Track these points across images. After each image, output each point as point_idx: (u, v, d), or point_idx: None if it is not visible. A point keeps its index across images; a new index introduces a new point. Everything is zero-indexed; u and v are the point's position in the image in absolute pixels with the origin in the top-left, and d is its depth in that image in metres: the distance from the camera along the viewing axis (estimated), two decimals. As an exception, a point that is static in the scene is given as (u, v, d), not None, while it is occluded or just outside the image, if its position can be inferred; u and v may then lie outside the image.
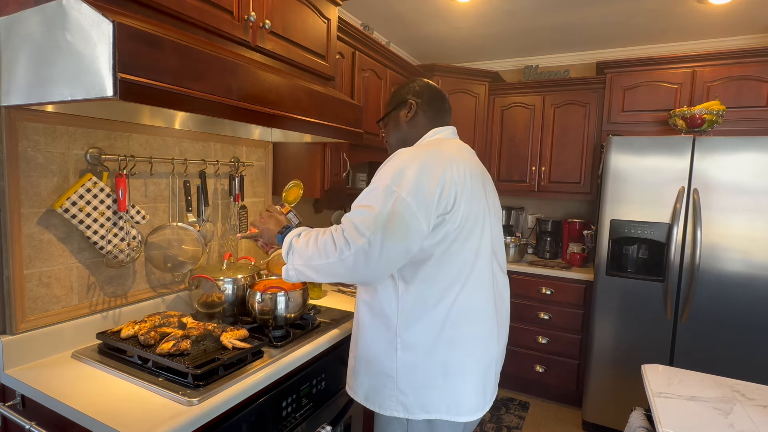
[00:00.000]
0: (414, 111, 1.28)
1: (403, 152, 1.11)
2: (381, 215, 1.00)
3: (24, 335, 1.18)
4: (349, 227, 1.02)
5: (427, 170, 1.06)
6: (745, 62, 2.51)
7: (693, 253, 2.29)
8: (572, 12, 2.51)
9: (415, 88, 1.30)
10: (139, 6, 1.07)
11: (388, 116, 1.34)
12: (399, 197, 1.01)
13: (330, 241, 1.03)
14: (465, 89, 3.17)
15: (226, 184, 1.82)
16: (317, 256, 1.05)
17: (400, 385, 1.12)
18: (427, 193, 1.04)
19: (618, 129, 2.82)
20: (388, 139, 1.36)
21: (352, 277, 1.04)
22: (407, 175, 1.04)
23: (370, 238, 0.99)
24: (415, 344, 1.11)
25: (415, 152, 1.11)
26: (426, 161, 1.08)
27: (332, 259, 1.02)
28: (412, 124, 1.29)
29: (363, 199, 1.06)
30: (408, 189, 1.02)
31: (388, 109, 1.35)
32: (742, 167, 2.20)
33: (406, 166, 1.05)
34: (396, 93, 1.34)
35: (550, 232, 3.22)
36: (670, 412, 1.17)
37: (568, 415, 2.81)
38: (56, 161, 1.24)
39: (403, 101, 1.30)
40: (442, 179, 1.06)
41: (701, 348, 2.32)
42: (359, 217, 1.02)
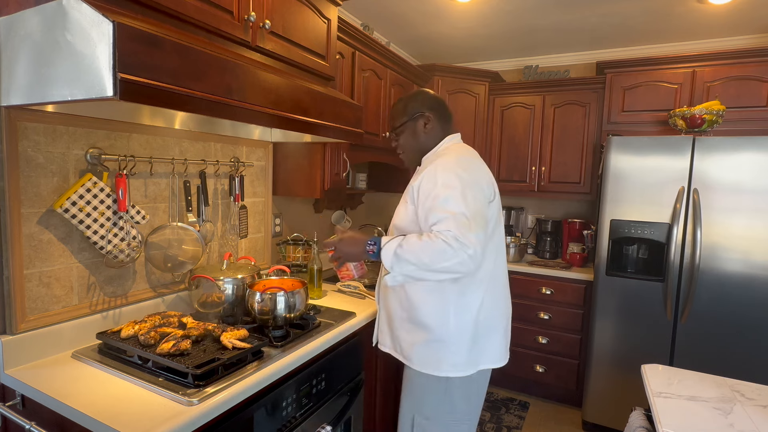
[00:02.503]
0: (431, 122, 1.47)
1: (449, 160, 1.34)
2: (469, 215, 1.24)
3: (24, 335, 1.18)
4: (457, 230, 1.21)
5: (476, 169, 1.36)
6: (745, 62, 2.51)
7: (693, 253, 2.29)
8: (572, 12, 2.51)
9: (427, 101, 1.48)
10: (139, 6, 1.07)
11: (404, 126, 1.49)
12: (474, 197, 1.28)
13: (444, 245, 1.20)
14: (465, 89, 3.17)
15: (226, 184, 1.82)
16: (436, 260, 1.21)
17: (451, 348, 1.36)
18: (485, 188, 1.36)
19: (618, 129, 2.82)
20: (404, 148, 1.51)
21: (465, 271, 1.23)
22: (466, 178, 1.29)
23: (475, 237, 1.22)
24: (466, 309, 1.36)
25: (458, 158, 1.36)
26: (471, 162, 1.37)
27: (453, 260, 1.20)
28: (429, 134, 1.48)
29: (445, 206, 1.25)
30: (475, 189, 1.30)
31: (403, 120, 1.49)
32: (742, 167, 2.20)
33: (461, 169, 1.31)
34: (408, 105, 1.48)
35: (550, 232, 3.22)
36: (670, 412, 1.17)
37: (568, 415, 2.81)
38: (56, 161, 1.24)
39: (418, 113, 1.47)
40: (486, 175, 1.40)
41: (701, 348, 2.32)
42: (456, 222, 1.22)
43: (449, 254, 1.20)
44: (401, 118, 1.49)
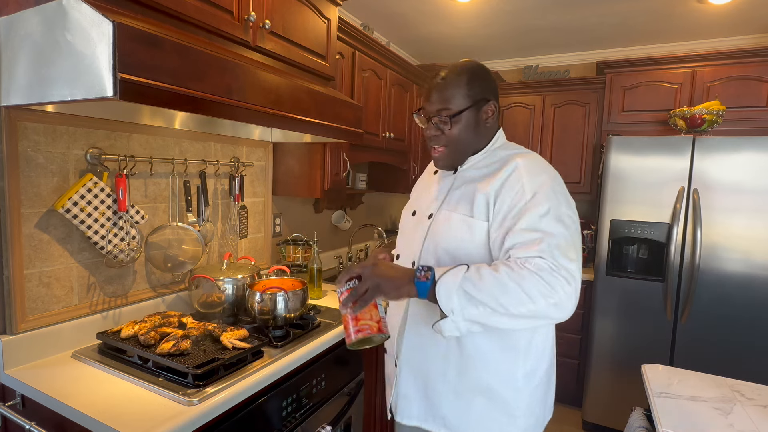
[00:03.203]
0: (495, 113, 1.11)
1: (534, 164, 1.03)
2: (569, 239, 0.93)
3: (24, 335, 1.18)
4: (552, 258, 0.89)
5: (563, 183, 1.06)
6: (745, 62, 2.51)
7: (693, 253, 2.29)
8: (572, 12, 2.51)
9: (493, 82, 1.11)
10: (139, 6, 1.07)
11: (462, 115, 1.06)
12: (572, 218, 0.98)
13: (535, 280, 0.86)
14: (465, 89, 3.16)
15: (226, 184, 1.82)
16: (522, 300, 0.86)
17: (516, 412, 1.04)
18: (573, 204, 1.04)
19: (618, 129, 2.82)
20: (453, 143, 1.09)
21: (561, 317, 0.90)
22: (561, 192, 1.01)
23: (576, 268, 0.91)
24: (540, 355, 1.07)
25: (541, 159, 1.08)
26: (557, 173, 1.07)
27: (548, 300, 0.86)
28: (489, 129, 1.12)
29: (537, 224, 0.93)
30: (572, 207, 1.00)
31: (463, 105, 1.06)
32: (742, 167, 2.20)
33: (551, 178, 1.01)
34: (472, 86, 1.06)
35: (550, 232, 3.22)
36: (670, 412, 1.17)
37: (568, 415, 2.81)
38: (56, 161, 1.24)
39: (482, 100, 1.07)
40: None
41: (701, 348, 2.32)
42: (550, 246, 0.90)
43: (543, 292, 0.86)
44: (459, 102, 1.05)
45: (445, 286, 0.90)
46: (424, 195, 1.19)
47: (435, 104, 1.07)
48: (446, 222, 1.06)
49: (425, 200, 1.17)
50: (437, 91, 1.07)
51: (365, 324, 0.94)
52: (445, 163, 1.13)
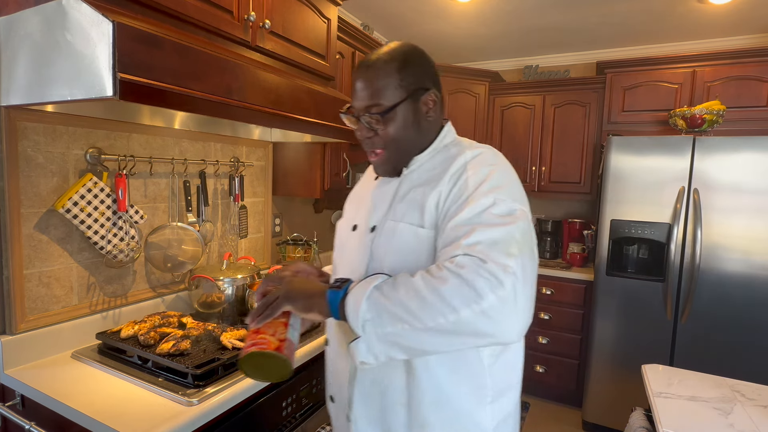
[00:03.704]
0: (438, 104, 0.92)
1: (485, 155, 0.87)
2: (515, 233, 0.73)
3: (24, 335, 1.18)
4: (487, 254, 0.69)
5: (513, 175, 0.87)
6: (745, 62, 2.51)
7: (693, 253, 2.29)
8: (572, 12, 2.50)
9: (430, 67, 0.93)
10: (139, 6, 1.07)
11: (397, 109, 0.87)
12: (520, 211, 0.78)
13: (458, 281, 0.67)
14: (465, 89, 3.17)
15: (226, 184, 1.82)
16: (441, 310, 0.67)
17: None
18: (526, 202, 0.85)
19: (618, 129, 2.82)
20: (391, 144, 0.90)
21: (497, 331, 0.68)
22: (507, 183, 0.82)
23: (516, 265, 0.68)
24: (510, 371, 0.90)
25: (493, 153, 0.89)
26: (511, 165, 0.89)
27: (474, 307, 0.65)
28: (432, 123, 0.93)
29: (479, 217, 0.76)
30: (518, 200, 0.80)
31: (396, 96, 0.87)
32: (743, 167, 2.19)
33: (500, 171, 0.84)
34: (405, 73, 0.87)
35: (550, 232, 3.22)
36: (671, 413, 1.17)
37: (568, 415, 2.81)
38: (56, 161, 1.24)
39: (420, 89, 0.89)
40: None
41: (701, 348, 2.32)
42: (491, 239, 0.71)
43: (465, 296, 0.66)
44: (391, 95, 0.86)
45: (354, 297, 0.73)
46: (364, 205, 0.97)
47: (363, 100, 0.88)
48: (392, 234, 0.86)
49: (365, 211, 0.95)
50: (363, 84, 0.88)
51: (264, 339, 0.76)
52: (386, 168, 0.94)
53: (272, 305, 0.80)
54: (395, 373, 0.85)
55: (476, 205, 0.77)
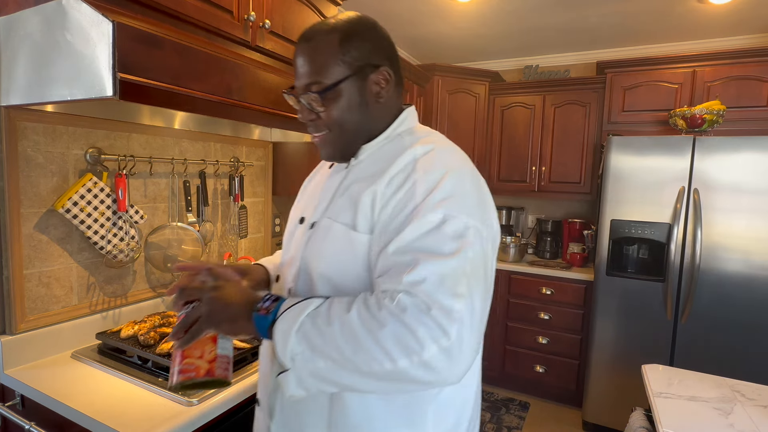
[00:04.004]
0: (390, 84, 0.80)
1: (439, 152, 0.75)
2: (465, 266, 0.63)
3: (24, 335, 1.18)
4: (432, 297, 0.60)
5: (480, 180, 0.77)
6: (745, 62, 2.51)
7: (693, 253, 2.29)
8: (572, 12, 2.50)
9: (381, 44, 0.79)
10: (139, 6, 1.07)
11: (340, 87, 0.76)
12: (476, 231, 0.67)
13: (398, 327, 0.59)
14: (465, 89, 3.17)
15: (226, 184, 1.82)
16: (377, 358, 0.59)
17: None
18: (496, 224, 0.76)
19: (618, 129, 2.82)
20: (335, 127, 0.79)
21: (437, 381, 0.61)
22: (465, 192, 0.70)
23: (465, 308, 0.61)
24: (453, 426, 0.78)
25: (450, 149, 0.78)
26: (471, 167, 0.78)
27: (414, 358, 0.58)
28: (386, 104, 0.81)
29: (423, 242, 0.65)
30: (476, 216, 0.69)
31: (339, 73, 0.76)
32: (743, 167, 2.19)
33: (457, 175, 0.71)
34: (348, 46, 0.75)
35: (550, 232, 3.22)
36: (671, 413, 1.17)
37: (568, 415, 2.81)
38: (56, 161, 1.24)
39: (368, 66, 0.77)
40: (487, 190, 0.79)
41: (701, 348, 2.32)
42: (429, 276, 0.61)
43: (405, 345, 0.59)
44: (332, 71, 0.75)
45: (283, 327, 0.64)
46: (315, 196, 0.87)
47: (302, 78, 0.77)
48: (325, 235, 0.76)
49: (314, 202, 0.85)
50: (302, 59, 0.77)
51: (191, 364, 0.68)
52: (329, 153, 0.83)
53: (193, 329, 0.68)
54: (317, 399, 0.74)
55: (422, 222, 0.66)
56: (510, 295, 2.98)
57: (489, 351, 3.07)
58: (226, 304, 0.69)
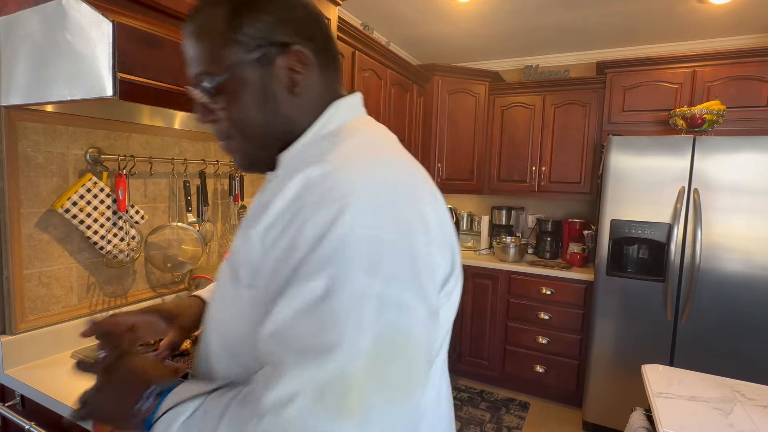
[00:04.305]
0: (309, 68, 0.59)
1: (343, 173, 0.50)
2: (355, 369, 0.43)
3: (24, 335, 1.18)
4: (306, 424, 0.42)
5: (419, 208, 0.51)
6: (745, 62, 2.51)
7: (693, 253, 2.29)
8: (572, 12, 2.50)
9: (290, 16, 0.58)
10: (139, 6, 1.07)
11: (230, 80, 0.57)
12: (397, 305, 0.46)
13: None
14: (465, 89, 3.17)
15: (225, 184, 1.82)
16: None
17: None
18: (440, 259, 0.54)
19: (618, 129, 2.82)
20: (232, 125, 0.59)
21: None
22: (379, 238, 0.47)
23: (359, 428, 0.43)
24: None
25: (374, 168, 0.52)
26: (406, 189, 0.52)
27: None
28: (305, 95, 0.60)
29: (292, 332, 0.46)
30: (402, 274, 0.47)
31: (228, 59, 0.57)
32: (743, 167, 2.19)
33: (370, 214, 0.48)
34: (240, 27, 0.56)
35: (550, 232, 3.22)
36: (671, 413, 1.17)
37: (568, 415, 2.81)
38: (56, 161, 1.24)
39: (271, 45, 0.57)
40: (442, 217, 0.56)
41: (701, 348, 2.32)
42: (309, 390, 0.43)
43: None
44: (222, 57, 0.57)
45: (159, 427, 0.51)
46: None
47: (191, 67, 0.60)
48: (217, 283, 0.64)
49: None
50: (188, 42, 0.59)
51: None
52: (241, 164, 0.63)
53: (81, 413, 0.60)
54: None
55: (299, 292, 0.45)
56: (510, 295, 2.98)
57: (489, 351, 3.07)
58: (117, 391, 0.57)
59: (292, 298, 0.46)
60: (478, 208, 3.67)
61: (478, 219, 3.54)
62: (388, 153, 0.57)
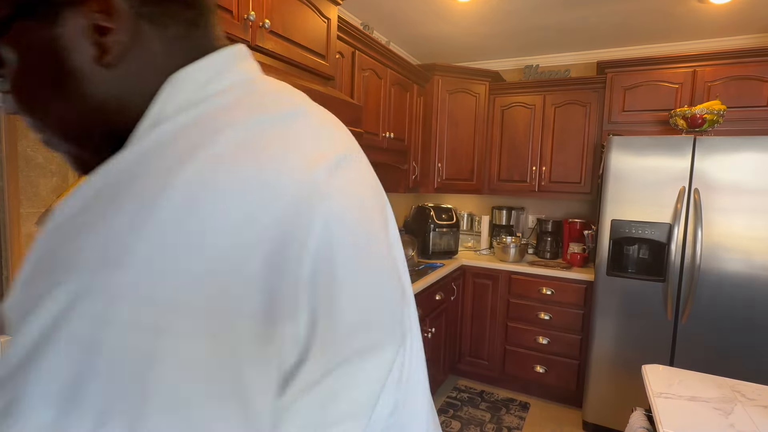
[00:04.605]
0: (125, 25, 0.37)
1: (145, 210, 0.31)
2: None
3: (23, 335, 1.18)
4: None
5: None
6: (745, 62, 2.51)
7: (694, 253, 2.29)
8: (572, 12, 2.50)
9: None
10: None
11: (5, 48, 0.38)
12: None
13: None
14: (465, 89, 3.17)
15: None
16: None
17: None
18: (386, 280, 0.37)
19: (618, 129, 2.82)
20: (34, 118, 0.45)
21: None
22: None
23: None
24: None
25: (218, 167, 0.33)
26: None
27: None
28: (121, 70, 0.38)
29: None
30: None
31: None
32: (743, 167, 2.19)
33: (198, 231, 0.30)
34: None
35: (550, 232, 3.22)
36: (671, 413, 1.17)
37: (568, 415, 2.80)
38: (55, 161, 1.24)
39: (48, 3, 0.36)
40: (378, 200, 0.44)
41: (702, 348, 2.31)
42: None
43: None
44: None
45: None
46: None
47: None
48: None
49: None
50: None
51: None
52: (77, 170, 0.45)
53: None
54: None
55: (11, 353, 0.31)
56: (510, 295, 2.98)
57: (489, 351, 3.07)
58: None
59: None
60: (478, 208, 3.67)
61: (478, 219, 3.54)
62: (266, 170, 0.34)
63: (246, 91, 0.40)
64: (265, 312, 0.30)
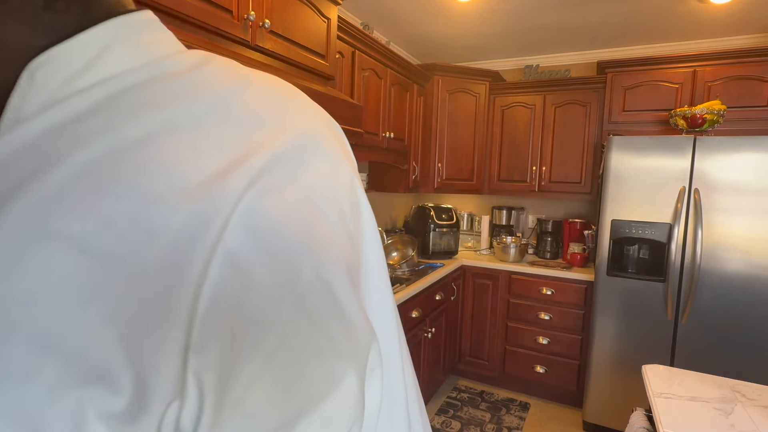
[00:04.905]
0: None
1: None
2: None
3: (23, 335, 1.17)
4: None
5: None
6: (745, 62, 2.51)
7: (694, 254, 2.29)
8: (572, 11, 2.50)
9: None
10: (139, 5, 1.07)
11: None
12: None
13: None
14: (465, 89, 3.17)
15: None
16: None
17: None
18: None
19: (619, 129, 2.82)
20: None
21: None
22: None
23: None
24: None
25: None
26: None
27: None
28: None
29: None
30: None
31: None
32: (743, 167, 2.19)
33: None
34: None
35: (550, 232, 3.22)
36: (671, 413, 1.17)
37: (568, 415, 2.80)
38: None
39: None
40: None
41: (702, 348, 2.31)
42: None
43: None
44: None
45: None
46: None
47: None
48: None
49: None
50: None
51: None
52: None
53: None
54: None
55: None
56: (510, 295, 2.98)
57: (489, 351, 3.07)
58: None
59: None
60: (478, 208, 3.66)
61: (478, 219, 3.54)
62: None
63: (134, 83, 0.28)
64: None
